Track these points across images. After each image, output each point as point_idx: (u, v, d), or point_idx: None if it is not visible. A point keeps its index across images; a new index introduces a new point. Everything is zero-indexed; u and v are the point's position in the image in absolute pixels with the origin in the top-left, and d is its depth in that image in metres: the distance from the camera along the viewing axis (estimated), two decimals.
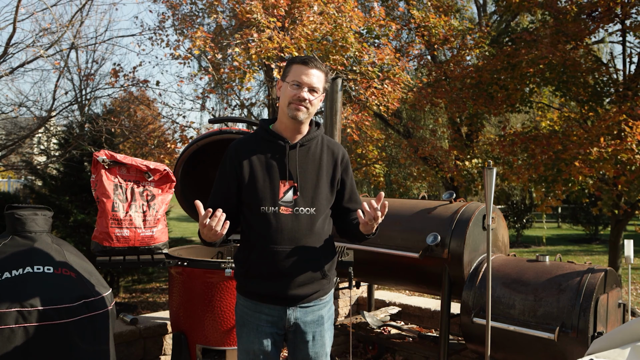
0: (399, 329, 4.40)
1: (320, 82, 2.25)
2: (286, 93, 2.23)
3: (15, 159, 9.63)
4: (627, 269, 4.82)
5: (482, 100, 8.52)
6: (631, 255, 3.65)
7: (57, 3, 7.22)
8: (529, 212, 16.68)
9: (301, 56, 2.30)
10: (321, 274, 2.28)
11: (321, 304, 2.33)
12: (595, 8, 7.79)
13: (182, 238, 10.57)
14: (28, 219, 2.78)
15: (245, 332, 2.28)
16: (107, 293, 2.83)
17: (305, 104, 2.21)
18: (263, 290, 2.24)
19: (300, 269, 2.22)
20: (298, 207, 2.23)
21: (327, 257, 2.30)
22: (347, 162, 2.39)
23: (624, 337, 1.82)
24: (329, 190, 2.31)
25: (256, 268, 2.24)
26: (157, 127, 10.08)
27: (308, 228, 2.23)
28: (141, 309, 7.20)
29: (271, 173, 2.24)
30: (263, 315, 2.26)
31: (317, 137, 2.34)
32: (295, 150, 2.27)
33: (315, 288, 2.28)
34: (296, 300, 2.25)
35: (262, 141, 2.30)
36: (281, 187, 2.23)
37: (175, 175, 3.62)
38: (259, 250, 2.22)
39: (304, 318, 2.28)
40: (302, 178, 2.25)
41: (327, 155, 2.33)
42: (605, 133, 6.74)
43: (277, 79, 2.40)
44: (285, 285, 2.21)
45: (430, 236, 3.57)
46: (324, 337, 2.34)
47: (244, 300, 2.31)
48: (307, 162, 2.28)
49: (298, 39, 6.65)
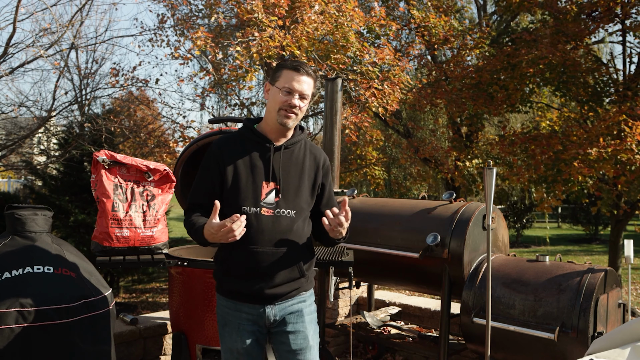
0: (399, 329, 4.40)
1: (310, 88, 2.28)
2: (276, 98, 2.24)
3: (15, 159, 9.63)
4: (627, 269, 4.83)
5: (482, 100, 8.52)
6: (631, 255, 3.65)
7: (57, 3, 7.22)
8: (529, 212, 16.68)
9: (292, 61, 2.32)
10: (299, 274, 2.31)
11: (300, 298, 2.35)
12: (595, 8, 7.80)
13: (182, 238, 10.56)
14: (28, 219, 2.78)
15: (228, 332, 2.32)
16: (107, 293, 2.83)
17: (295, 110, 2.24)
18: (242, 290, 2.27)
19: (279, 269, 2.25)
20: (279, 208, 2.26)
21: (305, 258, 2.34)
22: (327, 168, 2.44)
23: (624, 337, 1.82)
24: (310, 193, 2.35)
25: (236, 268, 2.27)
26: (157, 127, 10.08)
27: (288, 230, 2.26)
28: (141, 309, 7.20)
29: (255, 174, 2.26)
30: (243, 314, 2.29)
31: (300, 140, 2.37)
32: (279, 152, 2.30)
33: (293, 286, 2.31)
34: (274, 299, 2.29)
35: (246, 141, 2.32)
36: (264, 188, 2.25)
37: (175, 175, 3.62)
38: (239, 250, 2.23)
39: (282, 313, 2.31)
40: (285, 180, 2.28)
41: (309, 159, 2.36)
42: (605, 133, 6.74)
43: (266, 82, 2.38)
44: (263, 285, 2.25)
45: (430, 236, 3.57)
46: (307, 330, 2.34)
47: (224, 300, 2.34)
48: (290, 165, 2.31)
49: (299, 38, 6.65)
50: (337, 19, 7.00)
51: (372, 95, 7.43)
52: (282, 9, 6.75)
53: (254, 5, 6.56)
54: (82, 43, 8.02)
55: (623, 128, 6.56)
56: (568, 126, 7.84)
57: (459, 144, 9.84)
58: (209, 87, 8.52)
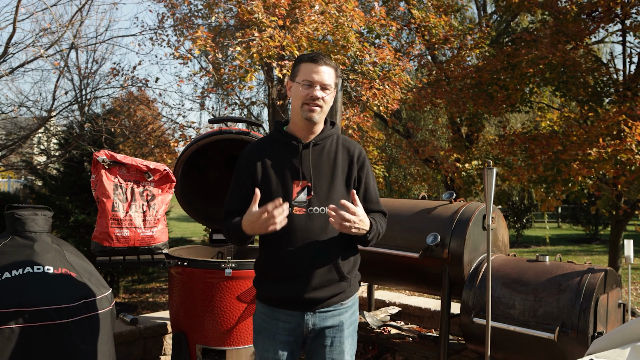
0: (399, 329, 4.40)
1: (332, 78, 2.20)
2: (298, 93, 2.18)
3: (15, 159, 9.63)
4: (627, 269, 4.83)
5: (482, 100, 8.52)
6: (631, 255, 3.65)
7: (57, 3, 7.23)
8: (529, 212, 16.68)
9: (308, 54, 2.26)
10: (339, 276, 2.20)
11: (342, 309, 2.25)
12: (595, 8, 7.80)
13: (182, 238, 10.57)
14: (28, 219, 2.78)
15: (261, 340, 2.25)
16: (107, 293, 2.83)
17: (319, 102, 2.17)
18: (278, 294, 2.20)
19: (314, 270, 2.16)
20: (312, 207, 2.17)
21: (344, 259, 2.23)
22: (363, 160, 2.31)
23: (624, 337, 1.82)
24: (345, 189, 2.24)
25: (271, 271, 2.21)
26: (157, 127, 10.08)
27: (322, 228, 2.17)
28: (141, 309, 7.20)
29: (284, 174, 2.20)
30: (280, 323, 2.21)
31: (332, 135, 2.28)
32: (308, 149, 2.22)
33: (333, 291, 2.20)
34: (313, 305, 2.19)
35: (275, 142, 2.27)
36: (294, 188, 2.18)
37: (175, 175, 3.62)
38: (272, 253, 2.19)
39: (322, 323, 2.21)
40: (316, 177, 2.20)
41: (342, 153, 2.27)
42: (605, 133, 6.74)
43: (287, 80, 2.34)
44: (301, 288, 2.15)
45: (430, 236, 3.57)
46: (343, 344, 2.26)
47: (261, 307, 2.27)
48: (321, 161, 2.23)
49: (299, 38, 6.65)
50: (337, 19, 7.00)
51: (373, 95, 7.43)
52: (282, 9, 6.76)
53: (254, 6, 6.56)
54: (82, 43, 8.03)
55: (623, 128, 6.56)
56: (568, 126, 7.84)
57: (459, 144, 9.84)
58: (208, 87, 8.52)
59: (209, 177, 4.37)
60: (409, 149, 10.72)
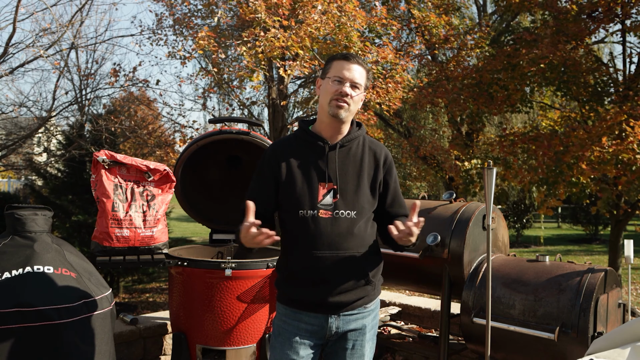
0: (399, 329, 4.40)
1: (363, 78, 2.16)
2: (327, 89, 2.14)
3: (15, 159, 9.63)
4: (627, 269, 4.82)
5: (483, 100, 8.52)
6: (631, 255, 3.64)
7: (57, 3, 7.24)
8: (529, 212, 16.68)
9: (342, 52, 2.24)
10: (365, 280, 2.17)
11: (365, 312, 2.22)
12: (596, 8, 7.79)
13: (182, 238, 10.58)
14: (28, 219, 2.78)
15: (280, 342, 2.18)
16: (107, 293, 2.83)
17: (347, 99, 2.11)
18: (303, 297, 2.15)
19: (341, 274, 2.12)
20: (338, 210, 2.12)
21: (370, 263, 2.20)
22: (390, 164, 2.27)
23: (624, 337, 1.82)
24: (371, 193, 2.20)
25: (296, 274, 2.16)
26: (158, 127, 10.09)
27: (348, 232, 2.12)
28: (141, 309, 7.21)
29: (310, 175, 2.15)
30: (302, 324, 2.16)
31: (358, 137, 2.23)
32: (335, 151, 2.17)
33: (359, 294, 2.17)
34: (339, 308, 2.15)
35: (300, 142, 2.21)
36: (320, 190, 2.13)
37: (175, 175, 3.62)
38: (297, 256, 2.14)
39: (346, 327, 2.18)
40: (342, 180, 2.15)
41: (368, 156, 2.22)
42: (606, 133, 6.74)
43: (317, 78, 2.31)
44: (326, 292, 2.11)
45: (430, 236, 3.56)
46: (364, 348, 2.23)
47: (283, 309, 2.22)
48: (347, 164, 2.18)
49: (303, 38, 6.65)
50: (339, 19, 7.00)
51: (377, 94, 7.44)
52: (284, 9, 6.75)
53: (257, 5, 6.55)
54: (82, 43, 8.05)
55: (624, 128, 6.56)
56: (569, 126, 7.84)
57: (459, 142, 9.84)
58: (209, 87, 8.52)
59: (209, 177, 4.37)
60: (410, 148, 10.73)
